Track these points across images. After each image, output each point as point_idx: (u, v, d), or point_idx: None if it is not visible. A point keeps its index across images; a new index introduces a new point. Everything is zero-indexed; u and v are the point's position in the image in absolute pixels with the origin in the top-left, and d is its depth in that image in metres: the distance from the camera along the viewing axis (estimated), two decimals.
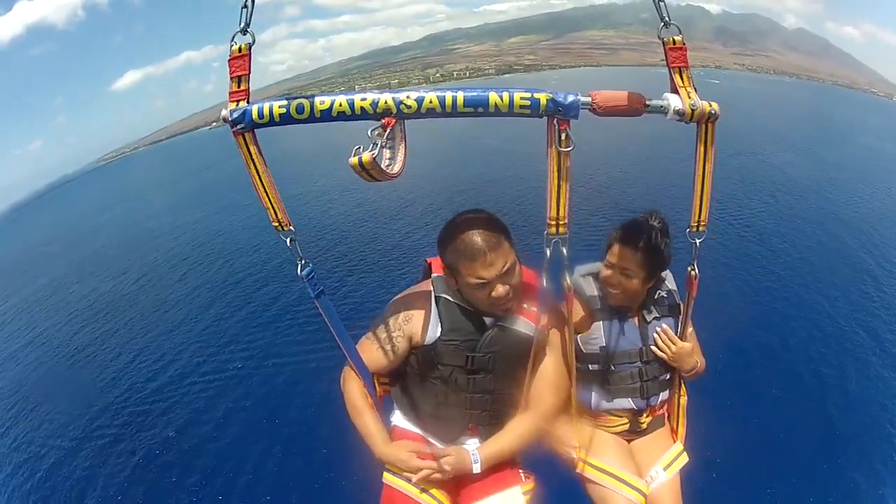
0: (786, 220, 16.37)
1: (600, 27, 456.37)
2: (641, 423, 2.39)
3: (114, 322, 15.25)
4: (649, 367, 2.30)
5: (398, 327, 2.11)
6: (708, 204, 1.73)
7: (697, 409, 2.47)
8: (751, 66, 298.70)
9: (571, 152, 1.55)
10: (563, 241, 1.66)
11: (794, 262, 13.28)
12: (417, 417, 2.22)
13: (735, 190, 19.05)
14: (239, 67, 1.50)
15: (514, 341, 2.06)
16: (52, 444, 9.71)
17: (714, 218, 7.26)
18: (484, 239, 1.86)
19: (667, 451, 2.37)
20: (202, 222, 24.72)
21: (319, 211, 21.66)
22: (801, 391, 8.48)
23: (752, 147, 27.08)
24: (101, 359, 12.96)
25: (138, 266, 20.39)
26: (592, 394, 2.35)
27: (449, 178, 24.49)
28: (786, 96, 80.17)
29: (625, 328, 2.28)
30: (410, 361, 2.17)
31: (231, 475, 8.03)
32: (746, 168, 22.63)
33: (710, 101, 1.56)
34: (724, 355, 8.96)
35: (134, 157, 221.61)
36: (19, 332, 17.23)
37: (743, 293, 11.59)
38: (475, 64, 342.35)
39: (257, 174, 1.57)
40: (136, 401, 10.58)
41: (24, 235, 53.68)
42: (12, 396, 12.28)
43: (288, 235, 1.69)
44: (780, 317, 10.76)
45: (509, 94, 1.51)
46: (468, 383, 2.11)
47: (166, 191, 37.58)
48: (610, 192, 18.76)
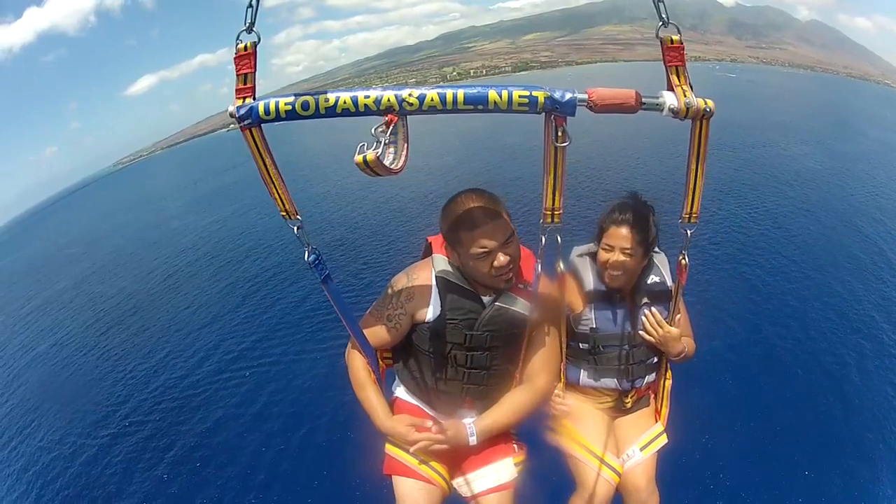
0: (797, 210, 16.23)
1: (615, 22, 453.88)
2: (626, 402, 2.50)
3: (144, 320, 15.45)
4: (635, 350, 2.39)
5: (400, 304, 2.21)
6: (700, 196, 1.79)
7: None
8: (765, 58, 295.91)
9: (567, 147, 1.60)
10: (557, 230, 1.76)
11: (806, 249, 13.20)
12: (418, 390, 2.35)
13: (751, 181, 19.12)
14: (245, 65, 1.56)
15: (510, 320, 2.16)
16: (84, 442, 9.87)
17: (725, 208, 7.26)
18: (484, 210, 1.99)
19: (647, 430, 2.46)
20: (227, 221, 24.92)
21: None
22: (806, 380, 8.42)
23: (767, 139, 27.05)
24: (133, 356, 13.16)
25: (165, 266, 20.64)
26: (581, 371, 2.45)
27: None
28: (801, 89, 78.84)
29: (616, 311, 2.37)
30: (411, 338, 2.28)
31: (271, 463, 8.08)
32: (762, 159, 22.72)
33: (706, 99, 1.59)
34: (730, 340, 9.09)
35: (152, 161, 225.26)
36: (47, 331, 17.56)
37: (751, 281, 11.59)
38: (491, 62, 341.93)
39: (265, 167, 1.64)
40: (171, 396, 10.73)
41: (44, 238, 54.76)
42: (42, 394, 12.55)
43: (295, 224, 1.76)
44: (786, 304, 10.63)
45: (508, 92, 1.55)
46: (466, 360, 2.21)
47: (187, 192, 37.92)
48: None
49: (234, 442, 8.72)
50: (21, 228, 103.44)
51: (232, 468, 8.18)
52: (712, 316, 9.30)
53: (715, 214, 15.26)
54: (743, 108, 39.82)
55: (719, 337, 8.94)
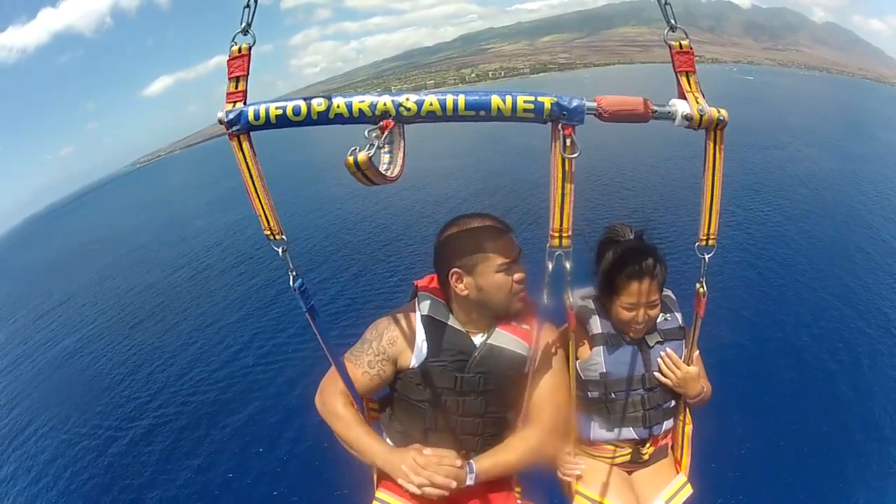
0: (808, 213, 16.09)
1: (633, 24, 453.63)
2: (643, 453, 2.28)
3: (175, 314, 15.67)
4: (652, 394, 2.19)
5: (382, 350, 2.04)
6: (718, 215, 1.63)
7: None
8: (781, 60, 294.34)
9: (576, 159, 1.49)
10: (566, 254, 1.56)
11: (819, 255, 13.02)
12: (406, 445, 2.09)
13: (765, 182, 19.19)
14: (238, 68, 1.49)
15: (505, 360, 2.00)
16: (116, 435, 10.07)
17: (742, 210, 7.59)
18: (499, 223, 1.93)
19: (670, 482, 2.27)
20: (253, 219, 24.50)
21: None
22: (820, 411, 8.03)
23: (779, 142, 27.05)
24: (165, 350, 13.38)
25: (193, 261, 20.88)
26: (592, 423, 2.25)
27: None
28: (816, 92, 78.04)
29: (626, 353, 2.18)
30: (396, 386, 2.09)
31: (305, 451, 8.15)
32: (774, 161, 22.84)
33: (719, 108, 1.49)
34: (737, 366, 8.78)
35: (170, 160, 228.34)
36: (72, 325, 17.93)
37: (762, 293, 11.41)
38: (510, 63, 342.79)
39: (251, 179, 1.53)
40: (205, 388, 10.92)
41: (65, 235, 55.70)
42: (71, 388, 12.77)
43: (280, 245, 1.61)
44: (798, 317, 10.41)
45: (512, 98, 1.46)
46: (458, 406, 2.02)
47: (209, 191, 38.10)
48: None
49: (269, 431, 8.84)
50: (39, 226, 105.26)
51: (268, 456, 8.30)
52: (726, 333, 9.11)
53: (735, 214, 15.26)
54: (759, 110, 39.70)
55: (732, 361, 8.67)
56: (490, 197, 21.09)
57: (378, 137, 1.41)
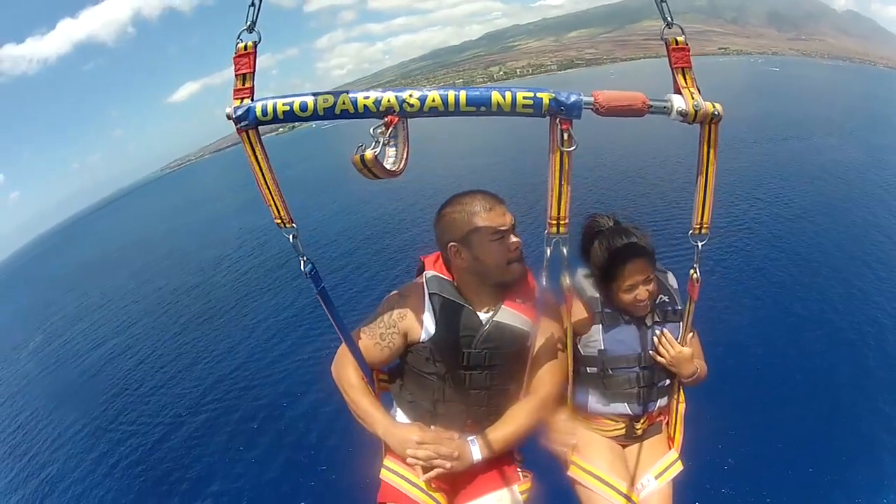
0: (827, 203, 15.60)
1: (656, 17, 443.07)
2: (637, 428, 2.33)
3: (224, 314, 15.84)
4: (648, 372, 2.24)
5: (392, 324, 2.11)
6: (711, 206, 1.69)
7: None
8: (805, 50, 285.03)
9: (573, 152, 1.53)
10: (563, 240, 1.66)
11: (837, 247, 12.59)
12: (416, 415, 2.21)
13: (786, 173, 18.94)
14: (244, 65, 1.54)
15: (509, 336, 2.08)
16: (158, 422, 10.43)
17: (761, 201, 7.83)
18: (490, 195, 2.02)
19: (661, 458, 2.32)
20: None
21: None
22: (816, 398, 7.87)
23: (806, 132, 26.48)
24: (208, 340, 13.79)
25: (234, 264, 21.11)
26: (589, 396, 2.30)
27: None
28: (841, 81, 75.03)
29: (625, 332, 2.23)
30: (406, 359, 2.18)
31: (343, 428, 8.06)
32: (797, 152, 22.40)
33: (714, 102, 1.53)
34: (745, 350, 8.66)
35: (199, 165, 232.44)
36: (115, 327, 18.32)
37: (770, 275, 11.28)
38: (537, 60, 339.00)
39: (260, 171, 1.60)
40: (246, 376, 11.20)
41: (98, 239, 57.03)
42: (118, 386, 13.10)
43: (290, 232, 1.69)
44: (806, 307, 10.07)
45: (511, 94, 1.51)
46: (465, 380, 2.11)
47: (242, 193, 38.65)
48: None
49: (323, 421, 8.81)
50: (69, 232, 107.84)
51: (321, 445, 8.38)
52: (726, 323, 8.88)
53: (753, 206, 15.13)
54: (788, 102, 38.96)
55: (734, 352, 8.46)
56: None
57: (383, 133, 1.46)
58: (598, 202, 15.90)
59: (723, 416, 6.73)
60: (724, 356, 7.84)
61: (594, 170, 21.28)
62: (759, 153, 22.11)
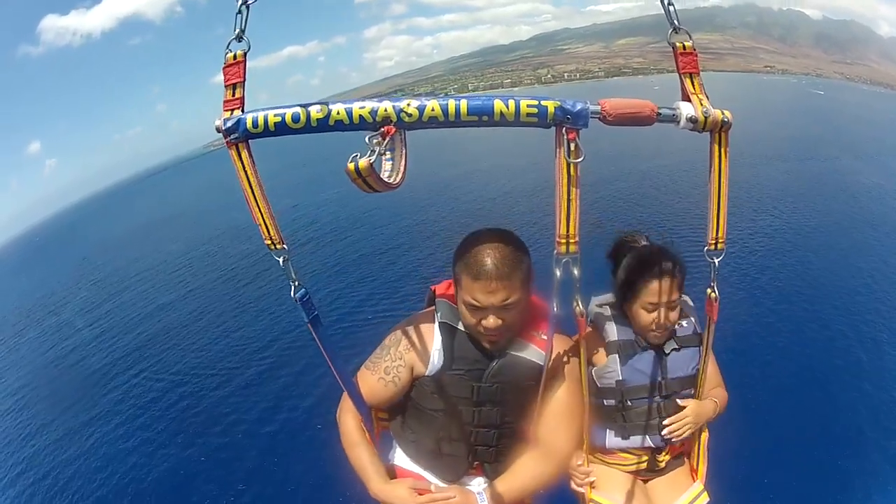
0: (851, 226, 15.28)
1: (706, 30, 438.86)
2: (659, 461, 2.24)
3: (278, 280, 15.59)
4: (668, 402, 2.14)
5: (399, 356, 2.00)
6: (725, 218, 1.60)
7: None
8: (848, 74, 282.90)
9: (581, 163, 1.45)
10: (573, 260, 1.53)
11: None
12: (418, 455, 2.09)
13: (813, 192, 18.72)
14: (234, 75, 1.47)
15: (522, 371, 1.93)
16: (208, 394, 10.38)
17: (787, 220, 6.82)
18: (496, 263, 1.73)
19: (686, 491, 2.24)
20: (345, 198, 23.86)
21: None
22: (839, 422, 7.56)
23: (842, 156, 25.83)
24: (277, 309, 13.35)
25: (295, 234, 20.50)
26: (607, 431, 2.20)
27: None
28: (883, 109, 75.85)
29: (642, 361, 2.12)
30: (411, 394, 2.05)
31: None
32: (825, 174, 22.05)
33: (723, 109, 1.47)
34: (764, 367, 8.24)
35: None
36: (175, 287, 18.41)
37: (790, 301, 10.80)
38: (585, 65, 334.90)
39: (250, 188, 1.51)
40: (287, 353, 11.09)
41: (147, 208, 57.78)
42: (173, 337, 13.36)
43: (281, 255, 1.59)
44: (826, 329, 9.66)
45: (515, 102, 1.44)
46: (473, 416, 1.97)
47: (292, 173, 37.96)
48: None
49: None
50: (112, 200, 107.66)
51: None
52: (749, 338, 8.62)
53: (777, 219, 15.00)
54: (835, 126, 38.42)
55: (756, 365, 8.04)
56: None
57: (379, 144, 1.39)
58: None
59: (746, 442, 6.40)
60: (745, 371, 7.53)
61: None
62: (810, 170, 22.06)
